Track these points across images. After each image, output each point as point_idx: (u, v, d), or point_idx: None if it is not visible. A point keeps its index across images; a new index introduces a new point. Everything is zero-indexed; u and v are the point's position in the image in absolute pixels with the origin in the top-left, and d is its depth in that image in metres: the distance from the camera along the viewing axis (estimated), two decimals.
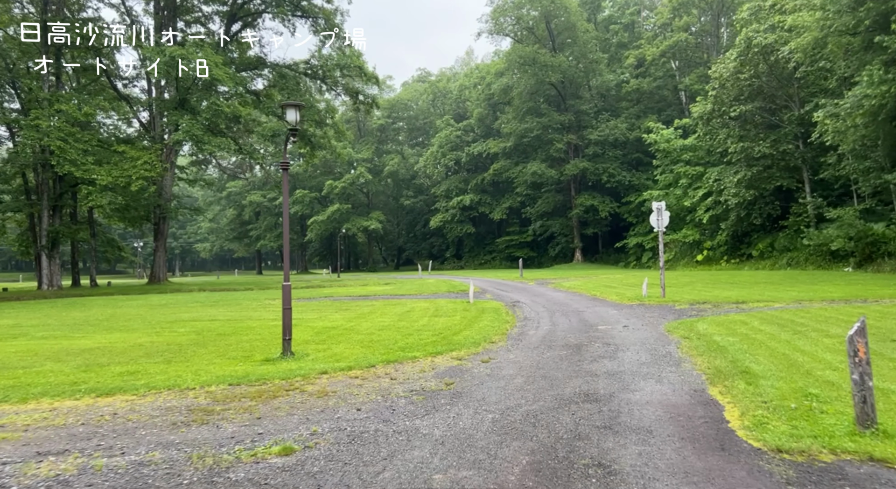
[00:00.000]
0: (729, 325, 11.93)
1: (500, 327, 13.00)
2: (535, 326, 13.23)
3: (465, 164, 65.74)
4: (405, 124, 79.91)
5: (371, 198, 76.70)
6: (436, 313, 16.02)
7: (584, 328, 12.64)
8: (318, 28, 38.35)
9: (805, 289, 19.31)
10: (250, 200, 73.54)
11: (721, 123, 35.80)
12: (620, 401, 6.56)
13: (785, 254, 33.91)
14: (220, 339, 11.74)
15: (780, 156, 33.54)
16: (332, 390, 7.25)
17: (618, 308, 16.59)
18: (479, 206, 64.41)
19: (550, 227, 59.45)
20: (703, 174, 39.67)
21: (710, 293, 19.64)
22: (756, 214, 35.46)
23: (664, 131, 43.87)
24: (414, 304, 18.91)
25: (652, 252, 48.09)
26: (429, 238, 75.17)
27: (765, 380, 7.09)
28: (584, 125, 55.96)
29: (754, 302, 16.60)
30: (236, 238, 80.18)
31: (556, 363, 8.83)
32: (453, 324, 13.56)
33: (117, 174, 27.43)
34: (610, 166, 52.78)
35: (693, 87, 46.30)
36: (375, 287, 29.99)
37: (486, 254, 68.09)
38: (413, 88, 80.00)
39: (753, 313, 13.91)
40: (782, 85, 34.07)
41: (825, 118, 24.17)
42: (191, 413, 6.31)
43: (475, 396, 6.87)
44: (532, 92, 54.98)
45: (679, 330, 11.82)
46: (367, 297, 23.19)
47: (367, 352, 9.82)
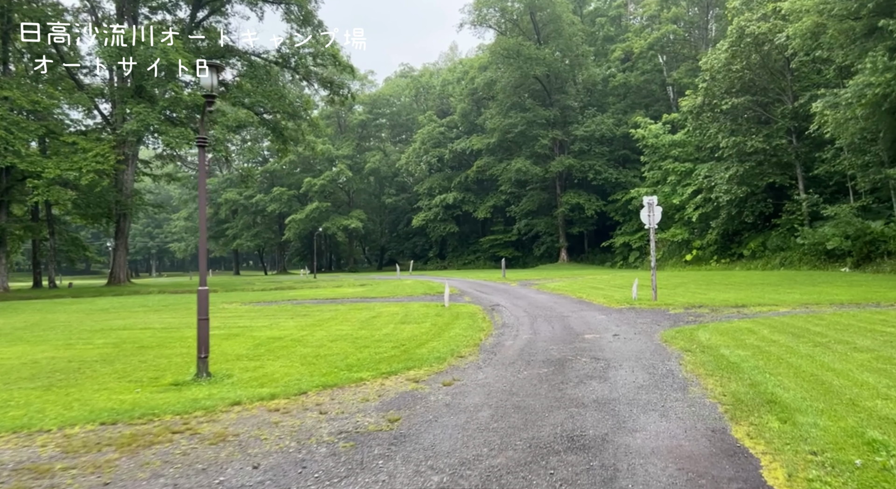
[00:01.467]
0: (735, 335, 10.31)
1: (474, 337, 11.27)
2: (513, 335, 11.52)
3: (449, 161, 64.01)
4: (387, 120, 77.93)
5: (352, 196, 74.65)
6: (404, 319, 14.25)
7: (568, 337, 10.95)
8: (291, 16, 36.38)
9: (807, 292, 17.84)
10: (225, 198, 71.05)
11: (711, 117, 34.43)
12: (617, 448, 4.85)
13: (778, 254, 32.61)
14: (136, 354, 9.87)
15: (772, 151, 32.23)
16: (234, 432, 5.45)
17: (606, 312, 14.95)
18: (462, 205, 62.72)
19: (535, 226, 57.96)
20: (692, 171, 38.33)
21: (705, 295, 18.10)
22: (748, 212, 34.14)
23: (652, 126, 42.49)
24: (382, 309, 17.13)
25: (639, 251, 46.76)
26: (411, 237, 73.32)
27: (803, 416, 5.42)
28: (569, 121, 54.49)
29: (755, 305, 15.06)
30: (212, 237, 77.57)
31: (534, 386, 7.12)
32: (420, 333, 11.81)
33: (66, 167, 25.26)
34: (596, 163, 51.37)
35: (682, 81, 45.01)
36: (348, 289, 28.13)
37: (470, 253, 66.44)
38: (395, 84, 78.07)
39: (759, 319, 12.32)
40: (774, 78, 32.77)
41: (824, 109, 22.79)
42: (14, 475, 4.48)
43: (423, 442, 5.12)
44: (516, 86, 53.37)
45: (678, 340, 10.18)
46: (334, 301, 21.35)
47: (305, 373, 8.03)
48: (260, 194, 70.94)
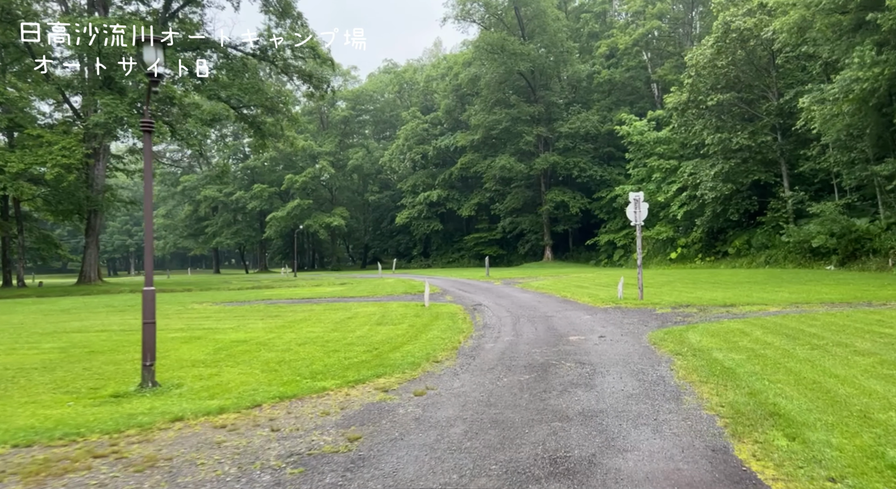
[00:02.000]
0: (727, 336, 9.77)
1: (452, 339, 10.61)
2: (494, 337, 10.89)
3: (433, 158, 63.25)
4: (370, 117, 76.92)
5: (335, 193, 73.56)
6: (381, 320, 13.55)
7: (552, 339, 10.34)
8: (269, 7, 35.36)
9: (796, 291, 17.46)
10: (205, 195, 69.53)
11: (697, 114, 34.13)
12: (605, 473, 4.22)
13: (763, 252, 32.43)
14: (83, 360, 9.05)
15: (757, 148, 32.01)
16: (167, 456, 4.72)
17: (591, 312, 14.40)
18: (446, 202, 62.03)
19: (520, 224, 57.49)
20: (677, 168, 38.05)
21: (692, 294, 17.65)
22: (733, 210, 33.91)
23: (637, 123, 42.15)
24: (359, 309, 16.42)
25: (624, 249, 46.47)
26: (395, 235, 72.47)
27: (812, 432, 4.84)
28: (554, 117, 54.04)
29: (744, 305, 14.61)
30: (192, 235, 75.95)
31: (514, 396, 6.48)
32: (396, 335, 11.12)
33: (30, 161, 24.12)
34: (581, 160, 50.98)
35: (667, 77, 44.76)
36: (327, 288, 27.33)
37: (454, 251, 65.78)
38: (379, 79, 77.06)
39: (750, 319, 11.82)
40: (760, 74, 32.55)
41: (811, 104, 22.47)
42: None
43: (384, 467, 4.45)
44: (501, 82, 52.78)
45: (667, 342, 9.61)
46: (310, 300, 20.57)
47: (263, 381, 7.31)
48: (240, 191, 69.58)
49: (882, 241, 24.92)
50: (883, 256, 24.62)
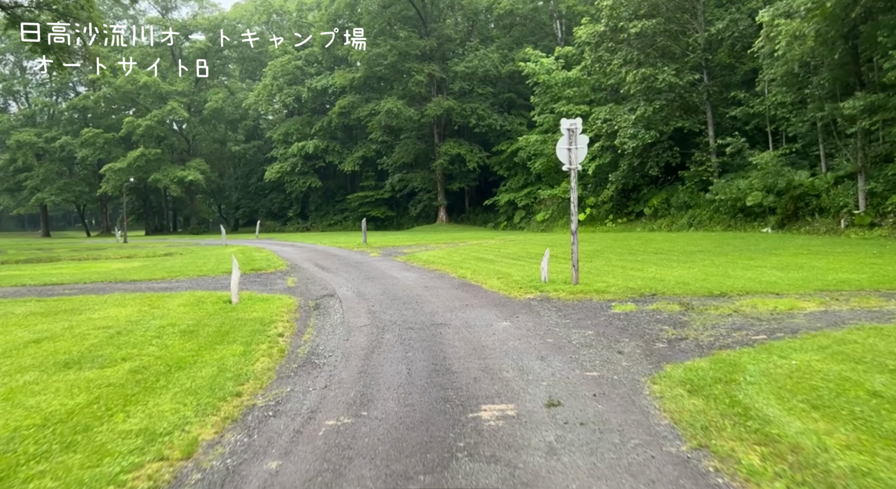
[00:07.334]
0: (813, 390, 3.60)
1: (231, 390, 3.66)
2: (323, 382, 4.05)
3: (308, 102, 54.11)
4: (235, 53, 65.39)
5: (192, 143, 62.09)
6: (110, 341, 6.16)
7: (439, 406, 3.61)
8: None
9: (786, 264, 12.27)
10: (17, 140, 55.36)
11: (614, 48, 28.74)
12: None
13: (684, 213, 28.18)
14: None
15: (682, 89, 27.27)
16: None
17: (507, 311, 8.02)
18: (326, 155, 53.51)
19: (411, 182, 50.67)
20: (588, 114, 32.79)
21: (643, 273, 11.91)
22: (651, 163, 29.25)
23: (544, 60, 36.30)
24: (106, 311, 8.89)
25: (525, 210, 41.35)
26: (267, 194, 62.80)
27: None
28: (448, 55, 47.03)
29: (738, 292, 9.01)
30: (6, 190, 61.22)
31: None
32: (88, 401, 3.87)
33: None
34: (479, 107, 44.67)
35: (575, 9, 39.20)
36: (113, 264, 19.05)
37: (337, 213, 57.80)
38: (244, 9, 65.34)
39: (804, 338, 5.86)
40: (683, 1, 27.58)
41: (775, 18, 17.33)
42: None
43: None
44: (385, 7, 44.68)
45: (712, 421, 3.20)
46: (55, 287, 12.54)
47: None
48: (66, 136, 56.19)
49: (831, 198, 20.97)
50: (833, 217, 20.68)
